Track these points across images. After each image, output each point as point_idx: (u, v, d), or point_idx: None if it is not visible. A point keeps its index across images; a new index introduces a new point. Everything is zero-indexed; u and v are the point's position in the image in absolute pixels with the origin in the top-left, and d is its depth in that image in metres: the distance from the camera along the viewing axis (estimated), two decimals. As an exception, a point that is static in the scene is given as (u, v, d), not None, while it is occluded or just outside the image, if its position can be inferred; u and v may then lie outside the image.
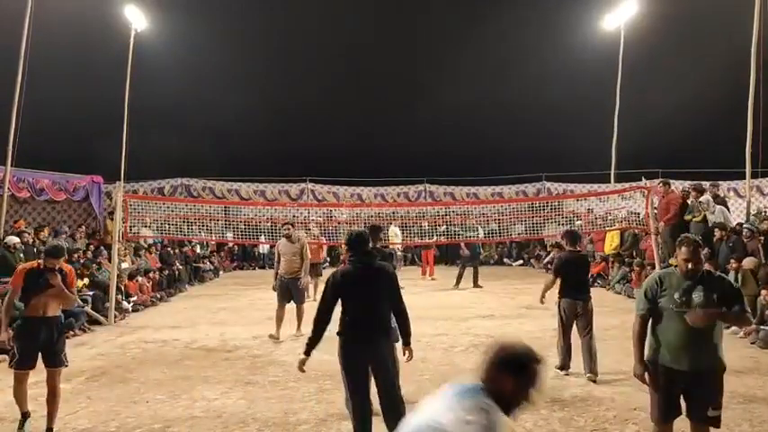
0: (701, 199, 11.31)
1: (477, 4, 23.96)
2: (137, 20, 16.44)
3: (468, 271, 14.60)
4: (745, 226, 10.25)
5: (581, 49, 19.23)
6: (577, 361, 6.52)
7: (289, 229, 8.74)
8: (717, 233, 10.43)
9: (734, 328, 8.75)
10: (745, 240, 9.90)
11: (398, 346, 4.44)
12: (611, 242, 14.88)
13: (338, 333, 4.20)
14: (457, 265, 20.55)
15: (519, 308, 11.23)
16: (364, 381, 4.21)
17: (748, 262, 9.08)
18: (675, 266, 3.75)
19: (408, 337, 4.36)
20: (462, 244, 15.03)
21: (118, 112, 16.53)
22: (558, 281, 6.70)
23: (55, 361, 4.87)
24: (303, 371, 4.29)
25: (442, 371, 6.76)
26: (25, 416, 4.98)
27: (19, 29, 10.91)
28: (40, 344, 4.85)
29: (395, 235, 15.03)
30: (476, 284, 14.33)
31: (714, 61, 19.43)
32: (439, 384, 6.56)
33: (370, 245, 5.65)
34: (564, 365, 6.57)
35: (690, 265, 3.71)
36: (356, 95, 23.19)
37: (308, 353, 4.22)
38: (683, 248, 3.75)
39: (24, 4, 10.99)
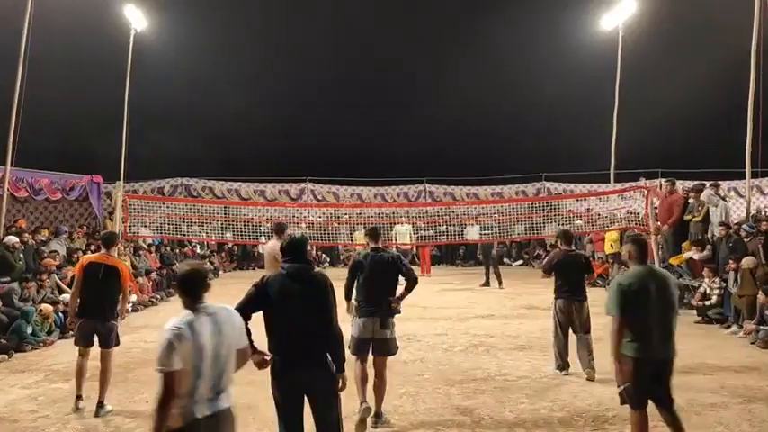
0: (704, 193, 11.36)
1: (477, 4, 23.97)
2: (137, 20, 16.44)
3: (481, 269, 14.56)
4: (743, 227, 10.24)
5: (580, 50, 19.23)
6: (576, 361, 6.52)
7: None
8: (717, 232, 10.42)
9: (734, 327, 8.77)
10: (745, 240, 9.89)
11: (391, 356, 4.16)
12: (611, 242, 14.85)
13: (269, 350, 3.64)
14: (456, 264, 20.75)
15: (519, 308, 11.23)
16: (297, 415, 3.61)
17: (746, 261, 9.07)
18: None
19: (341, 363, 3.67)
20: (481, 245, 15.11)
21: (118, 112, 16.54)
22: (554, 281, 6.65)
23: None
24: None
25: (442, 370, 6.76)
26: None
27: (19, 29, 10.90)
28: None
29: (402, 234, 14.93)
30: (485, 284, 14.34)
31: (713, 61, 19.41)
32: (438, 384, 6.59)
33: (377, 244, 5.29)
34: (562, 366, 6.53)
35: None
36: (356, 95, 23.19)
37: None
38: None
39: (24, 4, 10.98)
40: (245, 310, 3.56)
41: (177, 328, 2.81)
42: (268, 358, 3.60)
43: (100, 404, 5.40)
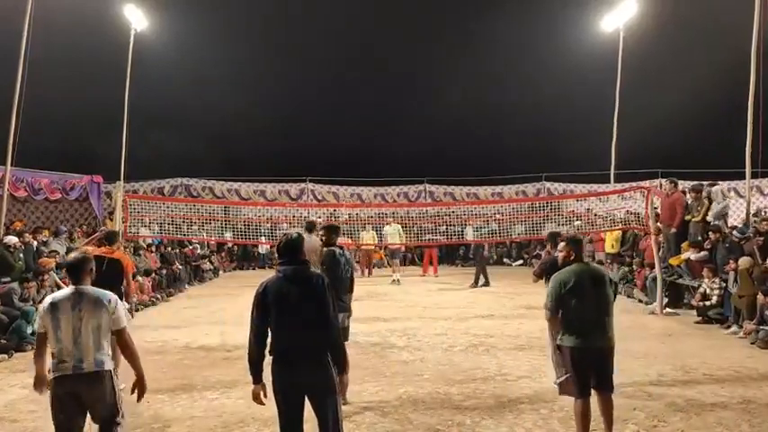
0: (716, 188, 11.40)
1: (478, 5, 23.99)
2: (137, 20, 16.44)
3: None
4: (734, 232, 10.27)
5: (580, 50, 19.24)
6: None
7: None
8: (711, 235, 10.43)
9: (734, 328, 8.78)
10: (741, 243, 9.90)
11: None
12: (612, 241, 14.84)
13: (269, 353, 3.66)
14: (456, 264, 20.77)
15: (518, 308, 11.24)
16: (297, 414, 3.63)
17: (743, 262, 9.07)
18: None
19: (343, 365, 3.72)
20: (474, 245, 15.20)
21: (118, 112, 16.54)
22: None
23: None
24: (263, 403, 3.68)
25: (442, 370, 6.75)
26: None
27: (19, 29, 10.91)
28: None
29: (392, 235, 15.02)
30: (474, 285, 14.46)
31: (714, 62, 19.42)
32: (438, 384, 6.57)
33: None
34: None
35: None
36: (356, 95, 23.21)
37: (257, 381, 3.68)
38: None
39: (24, 4, 10.98)
40: (262, 327, 3.65)
41: (44, 302, 3.70)
42: (263, 398, 3.67)
43: None
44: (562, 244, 4.73)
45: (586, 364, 4.40)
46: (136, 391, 3.86)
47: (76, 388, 3.57)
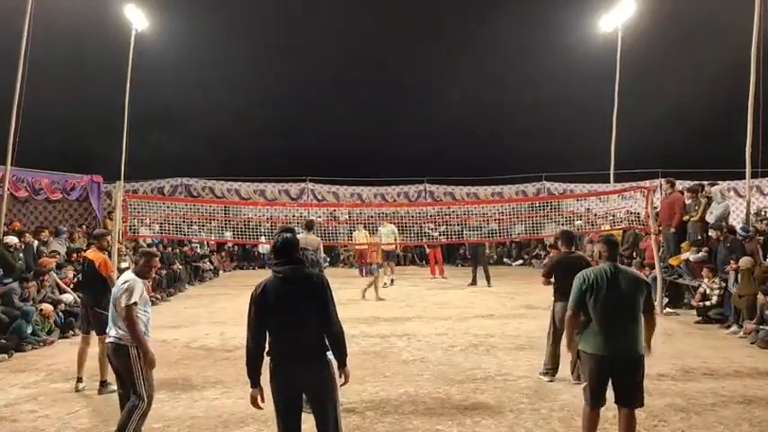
0: (715, 188, 11.40)
1: (478, 5, 23.98)
2: (137, 20, 16.45)
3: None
4: (738, 230, 10.26)
5: (580, 50, 19.24)
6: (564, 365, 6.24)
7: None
8: (712, 233, 10.43)
9: (734, 327, 8.78)
10: (743, 242, 9.89)
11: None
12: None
13: (267, 353, 3.65)
14: (457, 264, 20.75)
15: (519, 308, 11.24)
16: (295, 414, 3.64)
17: (744, 262, 9.08)
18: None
19: (343, 358, 3.70)
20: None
21: (118, 112, 16.55)
22: (554, 283, 6.32)
23: None
24: (260, 407, 3.67)
25: (442, 370, 6.76)
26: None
27: (19, 29, 10.91)
28: None
29: (387, 235, 15.03)
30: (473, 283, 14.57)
31: (714, 61, 19.41)
32: (439, 384, 6.58)
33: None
34: (549, 371, 6.30)
35: None
36: (356, 95, 23.20)
37: (255, 384, 3.63)
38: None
39: (24, 4, 10.99)
40: (260, 328, 3.59)
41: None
42: (261, 402, 3.66)
43: (102, 383, 6.00)
44: (597, 243, 4.56)
45: (605, 372, 4.09)
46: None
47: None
